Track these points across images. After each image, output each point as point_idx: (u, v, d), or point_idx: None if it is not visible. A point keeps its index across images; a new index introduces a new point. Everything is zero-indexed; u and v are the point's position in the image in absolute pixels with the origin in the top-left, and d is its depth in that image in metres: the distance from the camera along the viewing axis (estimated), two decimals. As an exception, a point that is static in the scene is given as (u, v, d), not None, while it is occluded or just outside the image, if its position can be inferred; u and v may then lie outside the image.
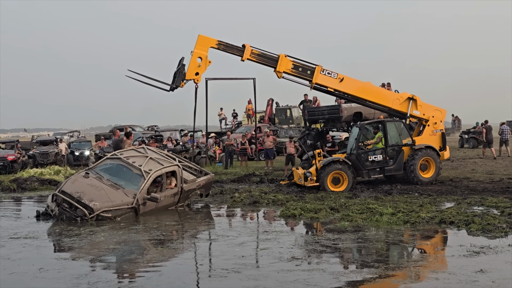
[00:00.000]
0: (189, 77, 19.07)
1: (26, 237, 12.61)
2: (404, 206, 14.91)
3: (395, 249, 11.01)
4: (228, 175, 24.94)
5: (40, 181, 23.41)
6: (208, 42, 19.30)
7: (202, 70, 19.20)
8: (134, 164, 15.74)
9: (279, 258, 10.23)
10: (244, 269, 9.55)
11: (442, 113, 21.19)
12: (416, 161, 19.69)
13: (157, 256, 10.89)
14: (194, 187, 17.08)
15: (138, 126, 45.70)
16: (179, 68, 19.04)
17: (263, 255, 10.64)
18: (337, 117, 25.67)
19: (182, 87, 19.19)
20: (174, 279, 9.14)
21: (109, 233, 12.84)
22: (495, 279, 8.59)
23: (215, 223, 14.72)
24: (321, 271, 9.34)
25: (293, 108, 41.43)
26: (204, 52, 19.15)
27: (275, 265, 9.74)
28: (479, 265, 9.31)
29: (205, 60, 19.17)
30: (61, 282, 9.04)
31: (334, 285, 8.52)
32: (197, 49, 19.09)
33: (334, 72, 20.17)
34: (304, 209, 14.88)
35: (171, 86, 19.10)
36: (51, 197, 15.37)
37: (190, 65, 19.05)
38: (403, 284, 8.66)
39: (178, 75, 19.04)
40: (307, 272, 9.25)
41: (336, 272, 9.21)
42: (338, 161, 19.01)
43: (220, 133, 38.90)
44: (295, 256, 10.35)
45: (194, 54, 19.04)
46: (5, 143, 37.11)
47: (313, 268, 9.53)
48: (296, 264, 9.77)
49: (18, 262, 10.43)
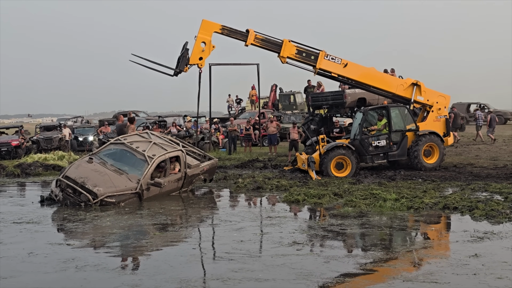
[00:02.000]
0: (192, 61, 19.06)
1: (29, 222, 12.67)
2: (407, 191, 14.90)
3: (396, 234, 11.02)
4: (231, 161, 24.96)
5: (44, 166, 23.47)
6: (212, 27, 19.27)
7: (206, 55, 19.18)
8: (137, 149, 15.74)
9: (279, 242, 10.27)
10: (238, 253, 9.62)
11: (446, 99, 21.12)
12: (420, 147, 19.66)
13: (153, 241, 10.95)
14: (198, 172, 17.09)
15: (142, 112, 45.62)
16: (183, 53, 19.03)
17: (263, 240, 10.71)
18: (341, 102, 25.59)
19: (186, 71, 19.19)
20: (161, 262, 9.20)
21: (113, 218, 12.89)
22: (486, 262, 8.64)
23: (218, 208, 14.77)
24: (315, 255, 9.41)
25: (297, 94, 41.35)
26: (208, 37, 19.13)
27: (273, 250, 9.79)
28: (474, 250, 9.34)
29: (209, 45, 19.15)
30: (48, 266, 9.10)
31: (320, 269, 8.56)
32: (201, 33, 19.07)
33: (338, 58, 20.10)
34: (308, 195, 14.89)
35: (175, 70, 19.09)
36: (55, 182, 15.40)
37: (193, 49, 19.03)
38: (392, 267, 8.67)
39: (182, 59, 19.02)
40: (301, 256, 9.29)
41: (329, 257, 9.26)
42: (341, 146, 19.01)
43: (225, 119, 38.83)
44: (296, 240, 10.39)
45: (198, 39, 19.03)
46: (9, 128, 37.21)
47: (307, 252, 9.59)
48: (297, 248, 9.80)
49: (10, 246, 10.49)
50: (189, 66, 19.11)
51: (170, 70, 19.16)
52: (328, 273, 8.45)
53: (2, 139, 32.39)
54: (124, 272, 8.80)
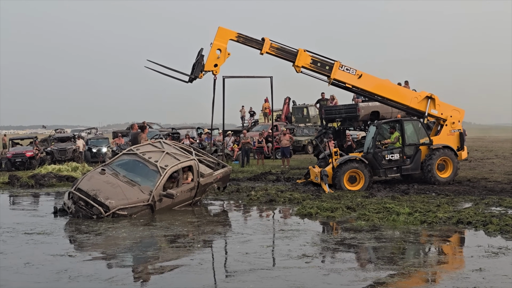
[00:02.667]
0: (207, 68, 19.14)
1: (39, 233, 12.68)
2: (421, 206, 14.82)
3: (407, 249, 10.92)
4: (244, 173, 24.95)
5: (58, 177, 23.59)
6: (228, 34, 19.36)
7: (221, 62, 19.28)
8: (150, 160, 15.72)
9: (287, 255, 10.26)
10: (238, 266, 9.68)
11: (461, 113, 21.02)
12: (433, 161, 19.57)
13: (156, 253, 10.96)
14: (211, 181, 17.00)
15: (155, 124, 45.77)
16: (198, 59, 19.10)
17: (271, 252, 10.72)
18: (354, 116, 25.57)
19: (201, 78, 19.27)
20: (155, 272, 9.44)
21: (127, 229, 12.89)
22: (487, 276, 8.60)
23: (229, 221, 14.76)
24: (318, 268, 9.36)
25: (310, 107, 41.34)
26: (224, 44, 19.23)
27: (279, 263, 9.83)
28: (479, 264, 9.30)
29: (224, 52, 19.24)
30: (40, 277, 9.12)
31: (314, 282, 8.53)
32: (217, 41, 19.17)
33: (352, 68, 20.10)
34: (321, 208, 14.85)
35: (190, 77, 19.15)
36: (67, 194, 15.40)
37: (209, 56, 19.12)
38: (391, 281, 8.60)
39: (197, 66, 19.10)
40: (302, 269, 9.27)
41: (331, 269, 9.24)
42: (354, 159, 18.96)
43: (239, 131, 38.96)
44: (306, 253, 10.35)
45: (213, 45, 19.13)
46: (23, 139, 37.50)
47: (310, 265, 9.52)
48: (306, 261, 9.77)
49: (8, 256, 10.53)
50: (204, 73, 19.19)
51: (185, 76, 19.22)
52: (321, 285, 8.42)
53: (17, 150, 32.67)
54: (116, 282, 8.75)
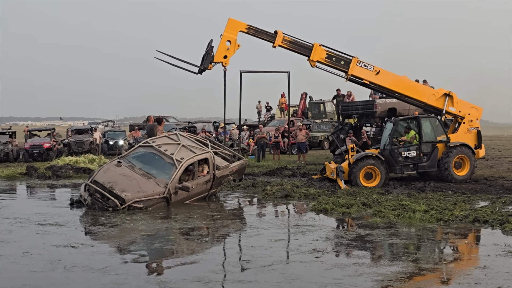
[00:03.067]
0: (217, 59, 19.11)
1: (53, 224, 12.79)
2: (437, 203, 14.71)
3: (420, 246, 10.87)
4: (260, 168, 24.97)
5: (74, 169, 23.76)
6: (238, 26, 19.31)
7: (231, 54, 19.21)
8: (166, 153, 15.74)
9: (297, 250, 10.31)
10: (237, 259, 9.90)
11: (479, 111, 20.88)
12: (450, 159, 19.45)
13: (162, 245, 10.98)
14: (227, 173, 16.96)
15: (172, 117, 45.92)
16: (208, 51, 19.07)
17: (280, 247, 10.74)
18: (371, 112, 25.49)
19: (210, 69, 19.24)
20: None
21: (143, 222, 12.96)
22: (489, 273, 8.59)
23: (244, 215, 14.80)
24: (320, 263, 9.38)
25: (327, 103, 41.27)
26: (234, 35, 19.17)
27: (286, 256, 9.99)
28: (484, 262, 9.34)
29: (234, 43, 19.17)
30: (35, 266, 9.21)
31: (311, 275, 8.59)
32: (227, 32, 19.13)
33: (370, 65, 20.01)
34: (336, 204, 14.81)
35: (199, 68, 19.13)
36: (83, 186, 15.50)
37: (219, 48, 19.08)
38: (390, 277, 8.58)
39: (206, 57, 19.07)
40: (305, 263, 9.32)
41: (335, 264, 9.27)
42: (371, 156, 18.90)
43: (255, 125, 39.02)
44: (317, 248, 10.38)
45: (223, 37, 19.08)
46: (41, 130, 37.80)
47: (313, 260, 9.57)
48: (316, 256, 9.80)
49: (10, 245, 10.68)
50: (213, 64, 19.16)
51: (195, 67, 19.21)
52: (316, 278, 8.44)
53: (35, 141, 32.96)
54: (109, 273, 8.82)
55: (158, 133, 18.13)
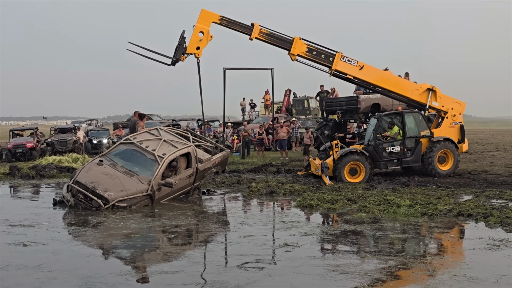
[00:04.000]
0: (190, 51, 18.99)
1: (24, 225, 12.64)
2: (421, 198, 14.81)
3: (404, 241, 10.93)
4: (245, 165, 24.94)
5: (58, 168, 23.60)
6: (211, 17, 19.21)
7: (204, 45, 19.08)
8: (147, 149, 15.60)
9: (264, 244, 10.54)
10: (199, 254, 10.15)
11: (462, 106, 21.01)
12: (434, 153, 19.55)
13: (131, 243, 11.04)
14: (210, 166, 16.83)
15: (156, 115, 45.72)
16: (180, 42, 18.95)
17: (250, 242, 10.81)
18: (355, 108, 25.53)
19: (183, 61, 19.13)
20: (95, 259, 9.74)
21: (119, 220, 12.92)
22: (474, 267, 8.80)
23: (229, 213, 14.78)
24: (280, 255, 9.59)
25: (311, 99, 41.23)
26: (206, 26, 19.05)
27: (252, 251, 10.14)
28: (470, 256, 9.58)
29: (207, 35, 19.05)
30: None
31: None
32: (199, 23, 19.00)
33: (354, 60, 20.04)
34: (321, 200, 14.84)
35: (172, 59, 19.02)
36: (66, 187, 15.34)
37: (191, 39, 18.96)
38: (360, 268, 8.66)
39: (179, 48, 18.95)
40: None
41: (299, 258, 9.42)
42: (355, 152, 18.94)
43: (239, 123, 38.93)
44: (288, 242, 10.56)
45: (196, 28, 18.96)
46: (24, 130, 37.48)
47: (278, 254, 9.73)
48: (286, 250, 10.03)
49: None
50: (186, 55, 19.05)
51: (167, 59, 19.10)
52: None
53: (18, 141, 32.67)
54: (42, 269, 8.95)
55: (139, 128, 18.04)
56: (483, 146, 33.10)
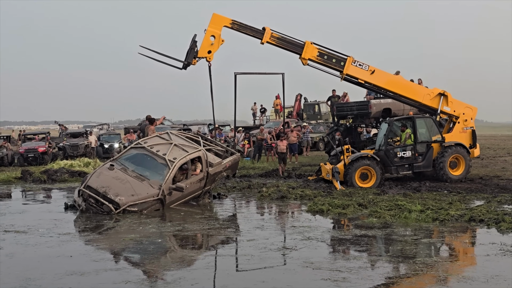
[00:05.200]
0: (201, 54, 19.03)
1: (20, 231, 12.65)
2: (433, 203, 14.73)
3: (416, 246, 10.89)
4: (255, 170, 24.93)
5: (70, 172, 23.67)
6: (222, 21, 19.24)
7: (215, 49, 19.13)
8: (158, 153, 15.64)
9: (265, 248, 10.55)
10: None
11: (473, 111, 20.92)
12: (445, 158, 19.48)
13: (133, 245, 11.15)
14: (220, 170, 16.83)
15: (167, 120, 45.81)
16: (191, 45, 18.99)
17: (251, 246, 10.86)
18: (366, 113, 25.49)
19: (194, 64, 19.16)
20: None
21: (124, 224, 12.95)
22: (488, 272, 8.71)
23: (239, 217, 14.82)
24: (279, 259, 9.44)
25: (321, 104, 41.25)
26: (218, 30, 19.10)
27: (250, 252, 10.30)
28: (483, 261, 9.53)
29: (218, 38, 19.10)
30: None
31: None
32: (211, 27, 19.05)
33: (365, 64, 20.00)
34: (332, 205, 14.81)
35: (183, 63, 19.05)
36: (77, 191, 15.39)
37: (203, 43, 19.02)
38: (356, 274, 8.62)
39: (190, 52, 18.99)
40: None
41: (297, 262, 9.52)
42: (366, 156, 18.90)
43: (250, 127, 38.86)
44: (287, 246, 10.70)
45: (207, 32, 19.01)
46: (36, 134, 37.67)
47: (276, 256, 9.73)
48: (283, 253, 10.18)
49: None
50: (197, 59, 19.07)
51: (179, 63, 19.13)
52: None
53: (30, 145, 32.83)
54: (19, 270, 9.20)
55: (150, 133, 18.09)
56: (495, 151, 32.91)
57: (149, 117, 19.90)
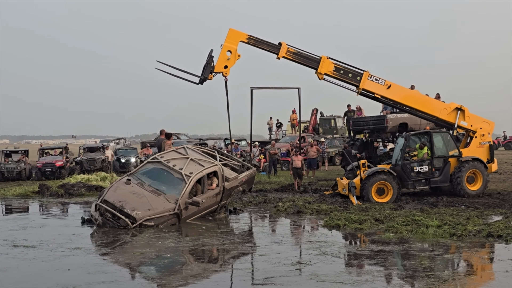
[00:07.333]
0: (217, 69, 19.10)
1: (28, 245, 12.70)
2: (450, 218, 14.64)
3: (433, 262, 10.81)
4: (271, 184, 24.92)
5: (87, 187, 23.84)
6: (239, 36, 19.35)
7: (231, 64, 19.20)
8: (174, 168, 15.72)
9: (278, 262, 10.62)
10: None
11: (490, 125, 20.79)
12: (463, 173, 19.35)
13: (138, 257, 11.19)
14: (236, 184, 16.90)
15: (183, 134, 46.00)
16: (208, 60, 19.09)
17: (265, 260, 10.92)
18: (382, 127, 25.44)
19: (211, 79, 19.23)
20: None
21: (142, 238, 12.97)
22: None
23: (255, 231, 14.77)
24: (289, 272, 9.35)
25: (338, 118, 41.21)
26: (234, 45, 19.20)
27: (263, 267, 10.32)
28: (502, 278, 9.43)
29: (235, 53, 19.19)
30: None
31: None
32: (227, 42, 19.16)
33: (381, 79, 19.99)
34: (348, 220, 14.75)
35: (200, 78, 19.12)
36: (94, 206, 15.47)
37: (219, 58, 19.11)
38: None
39: (207, 67, 19.07)
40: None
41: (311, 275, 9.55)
42: (383, 171, 18.82)
43: (266, 142, 38.89)
44: (301, 261, 10.75)
45: (223, 47, 19.12)
46: (54, 149, 37.96)
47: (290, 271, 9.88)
48: (297, 268, 10.19)
49: None
50: (214, 74, 19.15)
51: (195, 78, 19.21)
52: None
53: (47, 160, 33.10)
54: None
55: (166, 147, 18.17)
56: None
57: (164, 131, 19.99)
